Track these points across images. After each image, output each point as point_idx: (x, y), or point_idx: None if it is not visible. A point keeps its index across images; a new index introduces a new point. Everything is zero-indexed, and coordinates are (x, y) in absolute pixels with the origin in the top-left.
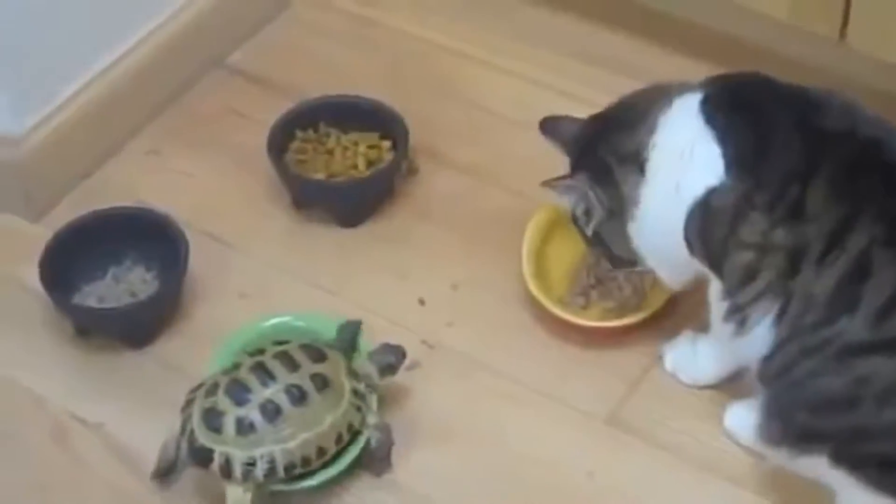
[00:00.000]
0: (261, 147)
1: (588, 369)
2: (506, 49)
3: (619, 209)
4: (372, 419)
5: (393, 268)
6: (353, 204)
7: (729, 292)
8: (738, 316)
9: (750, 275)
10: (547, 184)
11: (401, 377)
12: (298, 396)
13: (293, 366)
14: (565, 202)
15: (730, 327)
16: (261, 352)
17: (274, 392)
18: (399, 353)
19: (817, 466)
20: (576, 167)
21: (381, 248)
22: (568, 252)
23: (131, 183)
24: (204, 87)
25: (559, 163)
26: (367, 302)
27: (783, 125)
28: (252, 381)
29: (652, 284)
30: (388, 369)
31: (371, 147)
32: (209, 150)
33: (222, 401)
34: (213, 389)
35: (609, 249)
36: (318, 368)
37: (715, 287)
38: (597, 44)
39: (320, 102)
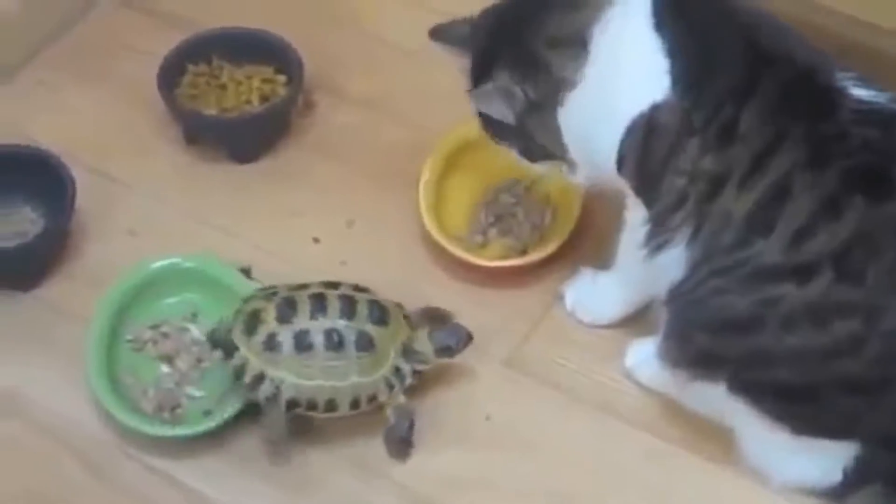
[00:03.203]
0: (152, 81)
1: (486, 310)
2: None
3: (550, 97)
4: (399, 400)
5: (287, 205)
6: (246, 140)
7: (657, 216)
8: (660, 240)
9: (682, 199)
10: (471, 93)
11: None
12: (336, 343)
13: (350, 314)
14: (490, 110)
15: (645, 253)
16: (334, 286)
17: (315, 327)
18: (462, 335)
19: (715, 397)
20: (492, 65)
21: (275, 186)
22: (467, 188)
23: (18, 118)
24: (94, 18)
25: (460, 94)
26: (261, 240)
27: (727, 42)
28: (304, 306)
29: (552, 221)
30: (446, 351)
31: (265, 81)
32: (99, 83)
33: (269, 311)
34: (270, 297)
35: (532, 141)
36: (371, 329)
37: (636, 212)
38: None
39: (213, 35)
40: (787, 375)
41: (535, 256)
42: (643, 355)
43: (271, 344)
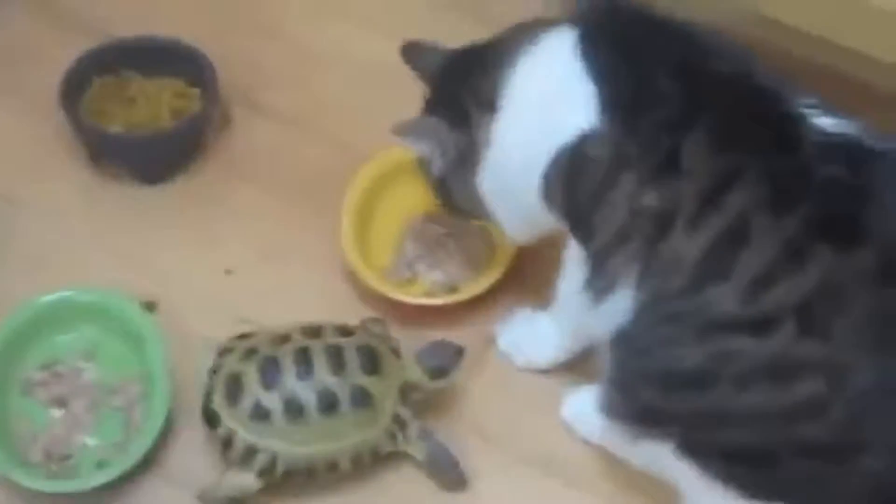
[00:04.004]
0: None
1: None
2: None
3: (468, 156)
4: (410, 446)
5: (199, 232)
6: (156, 160)
7: (596, 256)
8: (602, 283)
9: (623, 238)
10: (398, 131)
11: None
12: (328, 404)
13: (339, 367)
14: (416, 149)
15: (588, 296)
16: (316, 333)
17: (304, 389)
18: (451, 352)
19: (660, 456)
20: (432, 106)
21: (186, 210)
22: (395, 216)
23: None
24: None
25: (391, 111)
26: (169, 271)
27: (666, 65)
28: (289, 366)
29: (487, 254)
30: (438, 372)
31: (177, 95)
32: None
33: (251, 374)
34: (249, 355)
35: (450, 198)
36: (365, 381)
37: (575, 251)
38: None
39: (121, 43)
40: (742, 437)
41: (465, 294)
42: (581, 406)
43: (259, 413)
